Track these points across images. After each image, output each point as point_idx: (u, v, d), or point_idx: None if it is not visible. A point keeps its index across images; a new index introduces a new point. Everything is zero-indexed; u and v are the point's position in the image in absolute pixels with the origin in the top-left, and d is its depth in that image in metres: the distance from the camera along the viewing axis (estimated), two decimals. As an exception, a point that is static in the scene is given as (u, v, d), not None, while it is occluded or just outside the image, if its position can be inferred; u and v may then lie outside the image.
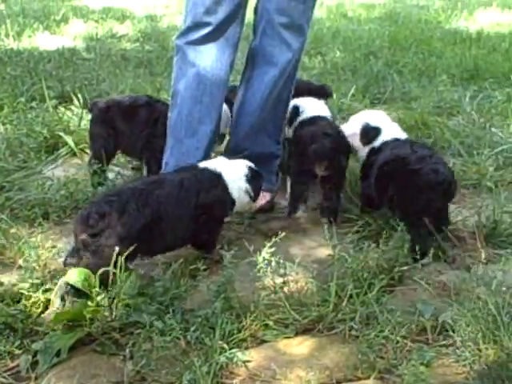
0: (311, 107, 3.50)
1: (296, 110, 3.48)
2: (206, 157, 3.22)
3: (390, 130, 3.35)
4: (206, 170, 2.95)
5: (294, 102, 3.52)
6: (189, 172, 2.92)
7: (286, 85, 3.36)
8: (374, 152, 3.25)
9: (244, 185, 2.98)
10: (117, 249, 2.51)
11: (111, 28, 8.45)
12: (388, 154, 3.16)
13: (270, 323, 2.42)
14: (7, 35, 7.39)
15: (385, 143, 3.26)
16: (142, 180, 3.08)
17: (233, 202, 2.97)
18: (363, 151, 3.33)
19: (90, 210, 2.62)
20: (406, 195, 3.02)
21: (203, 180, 2.89)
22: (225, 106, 3.47)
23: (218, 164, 2.99)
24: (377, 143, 3.29)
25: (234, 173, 2.99)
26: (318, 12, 9.38)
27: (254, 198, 3.05)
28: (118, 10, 10.07)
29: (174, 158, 3.27)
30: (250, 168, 3.03)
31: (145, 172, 3.62)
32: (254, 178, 3.02)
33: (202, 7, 3.12)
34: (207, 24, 3.13)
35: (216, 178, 2.93)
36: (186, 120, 3.24)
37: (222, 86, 3.22)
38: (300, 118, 3.46)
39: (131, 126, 3.58)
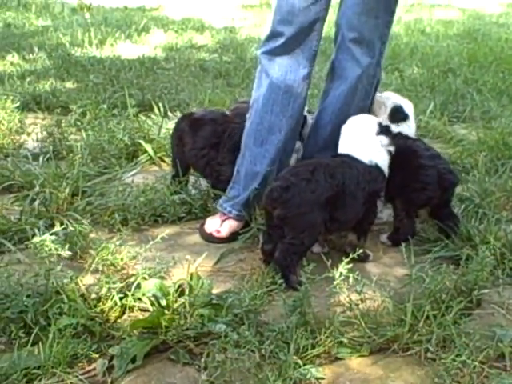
0: None
1: None
2: (274, 165, 3.23)
3: (412, 127, 3.50)
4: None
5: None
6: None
7: (360, 101, 3.34)
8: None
9: None
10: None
11: (190, 38, 8.58)
12: (400, 144, 3.26)
13: (345, 340, 2.39)
14: (90, 43, 7.58)
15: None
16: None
17: None
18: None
19: (274, 185, 2.86)
20: (416, 188, 3.20)
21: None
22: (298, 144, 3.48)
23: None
24: (398, 129, 3.38)
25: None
26: (396, 28, 9.31)
27: None
28: (197, 20, 10.23)
29: (243, 166, 3.30)
30: None
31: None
32: None
33: (278, 16, 3.14)
34: (281, 34, 3.14)
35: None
36: (256, 128, 3.26)
37: (293, 97, 3.22)
38: None
39: (194, 140, 3.60)
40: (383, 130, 3.18)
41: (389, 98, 3.52)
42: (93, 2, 11.52)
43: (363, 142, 3.13)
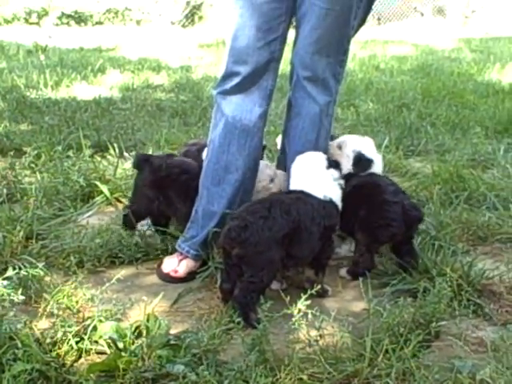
0: None
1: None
2: (232, 205, 3.22)
3: (378, 164, 3.50)
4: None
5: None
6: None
7: (324, 140, 3.37)
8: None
9: None
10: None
11: (147, 78, 8.59)
12: (363, 179, 3.35)
13: (305, 377, 2.37)
14: (46, 85, 7.53)
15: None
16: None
17: None
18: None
19: (232, 224, 2.84)
20: (380, 224, 3.21)
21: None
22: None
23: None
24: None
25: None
26: (351, 64, 9.46)
27: None
28: (153, 60, 10.25)
29: (201, 206, 3.29)
30: None
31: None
32: None
33: (233, 57, 3.16)
34: (237, 74, 3.16)
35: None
36: (213, 168, 3.26)
37: (249, 135, 3.23)
38: None
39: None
40: (332, 164, 3.20)
41: (346, 145, 3.49)
42: (48, 43, 11.53)
43: (316, 177, 3.14)
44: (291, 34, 3.26)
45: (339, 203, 3.17)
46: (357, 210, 3.24)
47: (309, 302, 2.50)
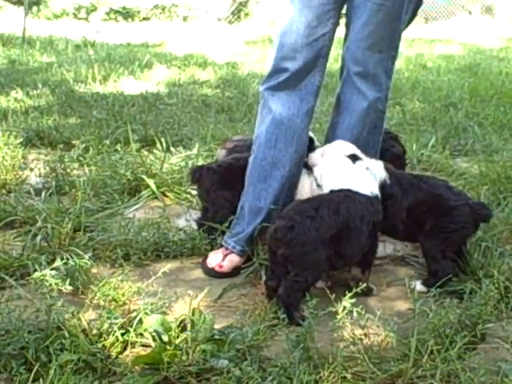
0: None
1: None
2: (278, 201, 3.23)
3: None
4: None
5: None
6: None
7: (368, 134, 3.35)
8: None
9: None
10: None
11: (193, 74, 8.65)
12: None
13: (348, 376, 2.36)
14: (94, 79, 7.64)
15: None
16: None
17: None
18: None
19: (278, 224, 2.83)
20: (451, 227, 3.16)
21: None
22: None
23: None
24: None
25: None
26: (397, 62, 9.33)
27: None
28: (199, 56, 10.32)
29: (247, 202, 3.30)
30: None
31: None
32: None
33: (281, 53, 3.17)
34: (285, 70, 3.17)
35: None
36: (259, 164, 3.27)
37: (297, 132, 3.23)
38: None
39: None
40: (353, 158, 3.18)
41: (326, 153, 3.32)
42: (96, 38, 11.67)
43: (357, 174, 3.12)
44: (340, 30, 3.26)
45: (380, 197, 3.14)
46: (421, 220, 3.19)
47: (354, 301, 2.49)
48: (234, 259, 3.27)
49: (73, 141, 5.01)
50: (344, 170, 3.13)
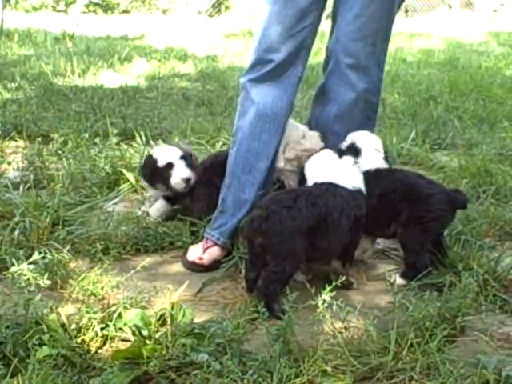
0: None
1: None
2: (261, 191, 3.24)
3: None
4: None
5: None
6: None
7: (360, 126, 3.34)
8: None
9: None
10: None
11: (173, 67, 8.62)
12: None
13: (329, 369, 2.36)
14: (73, 72, 7.59)
15: None
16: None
17: None
18: None
19: (254, 214, 2.83)
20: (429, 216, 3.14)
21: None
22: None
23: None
24: None
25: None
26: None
27: None
28: (180, 49, 10.28)
29: (231, 194, 3.29)
30: None
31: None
32: None
33: (265, 45, 3.16)
34: (269, 61, 3.16)
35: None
36: (243, 156, 3.26)
37: (281, 124, 3.24)
38: None
39: None
40: (341, 152, 3.20)
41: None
42: (75, 31, 11.59)
43: (341, 168, 3.12)
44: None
45: (364, 191, 3.13)
46: (398, 213, 3.16)
47: (334, 294, 2.49)
48: (214, 252, 3.26)
49: (51, 134, 4.96)
50: (329, 163, 3.13)
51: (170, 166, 3.64)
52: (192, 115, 5.97)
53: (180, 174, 3.62)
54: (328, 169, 3.13)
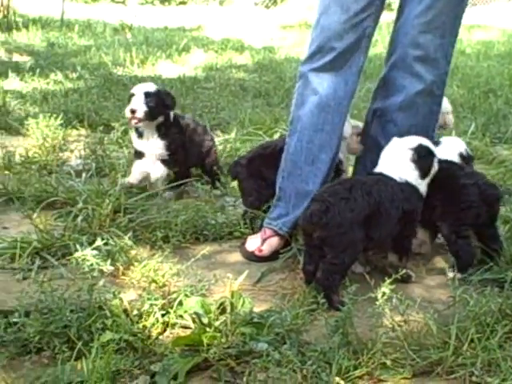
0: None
1: None
2: (324, 183, 3.22)
3: None
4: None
5: None
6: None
7: (424, 118, 3.31)
8: None
9: None
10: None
11: (230, 58, 8.65)
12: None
13: (388, 362, 2.35)
14: (132, 62, 7.69)
15: None
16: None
17: None
18: None
19: (313, 208, 2.84)
20: (462, 207, 3.16)
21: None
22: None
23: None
24: None
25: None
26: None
27: None
28: (236, 41, 10.32)
29: (292, 185, 3.28)
30: None
31: None
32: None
33: (328, 32, 3.14)
34: (332, 49, 3.14)
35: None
36: (306, 147, 3.25)
37: (343, 114, 3.23)
38: None
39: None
40: (425, 148, 3.14)
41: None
42: (134, 22, 11.72)
43: (393, 159, 3.11)
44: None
45: (420, 186, 3.09)
46: (433, 202, 3.17)
47: (393, 287, 2.48)
48: (273, 243, 3.27)
49: (112, 123, 5.04)
50: (386, 154, 3.12)
51: (130, 96, 3.86)
52: (249, 106, 6.00)
53: (130, 105, 3.79)
54: (383, 159, 3.13)
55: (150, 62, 7.92)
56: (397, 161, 3.09)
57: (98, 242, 3.03)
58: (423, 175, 3.08)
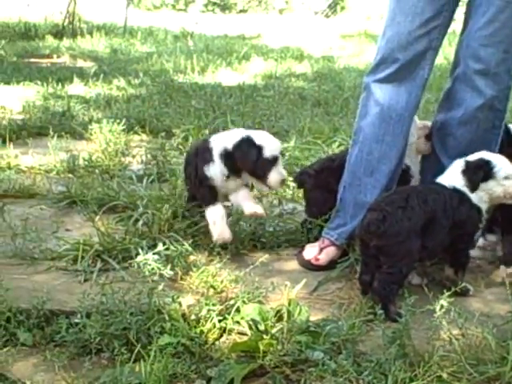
0: None
1: None
2: (383, 193, 3.20)
3: None
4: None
5: None
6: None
7: (484, 132, 3.28)
8: None
9: None
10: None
11: (289, 67, 8.68)
12: None
13: (444, 375, 2.33)
14: (193, 70, 7.78)
15: None
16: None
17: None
18: None
19: (370, 217, 2.84)
20: None
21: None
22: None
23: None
24: None
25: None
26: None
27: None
28: (296, 49, 10.35)
29: (351, 195, 3.29)
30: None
31: None
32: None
33: (393, 43, 3.13)
34: (396, 60, 3.13)
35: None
36: (365, 158, 3.25)
37: (405, 125, 3.21)
38: None
39: None
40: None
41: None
42: (195, 29, 11.86)
43: (449, 169, 3.10)
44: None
45: (472, 195, 3.03)
46: None
47: (451, 300, 2.46)
48: (330, 252, 3.27)
49: (173, 129, 5.11)
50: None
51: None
52: (308, 115, 6.01)
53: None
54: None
55: (211, 70, 8.00)
56: (450, 169, 3.08)
57: (160, 247, 3.08)
58: (471, 188, 3.04)
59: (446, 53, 7.46)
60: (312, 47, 10.64)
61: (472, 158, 3.06)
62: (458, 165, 3.04)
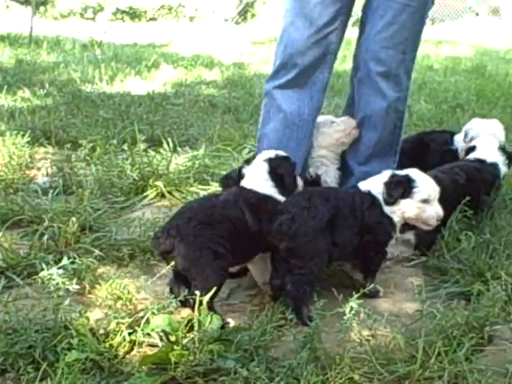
0: None
1: None
2: None
3: None
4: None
5: None
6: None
7: (388, 135, 3.33)
8: None
9: None
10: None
11: (200, 74, 8.66)
12: None
13: (356, 377, 2.35)
14: (101, 79, 7.65)
15: None
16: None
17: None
18: None
19: (281, 219, 2.83)
20: None
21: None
22: None
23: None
24: None
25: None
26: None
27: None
28: (206, 57, 10.32)
29: None
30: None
31: None
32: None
33: (291, 49, 3.16)
34: (294, 66, 3.15)
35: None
36: None
37: (308, 130, 3.24)
38: None
39: None
40: None
41: None
42: (103, 38, 11.68)
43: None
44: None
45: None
46: None
47: (361, 302, 2.48)
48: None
49: (80, 140, 4.99)
50: None
51: None
52: (219, 122, 5.99)
53: None
54: None
55: (119, 79, 7.88)
56: (375, 178, 3.10)
57: (65, 261, 2.99)
58: (387, 200, 3.03)
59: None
60: (223, 54, 10.65)
61: (400, 172, 3.08)
62: (385, 175, 3.06)
